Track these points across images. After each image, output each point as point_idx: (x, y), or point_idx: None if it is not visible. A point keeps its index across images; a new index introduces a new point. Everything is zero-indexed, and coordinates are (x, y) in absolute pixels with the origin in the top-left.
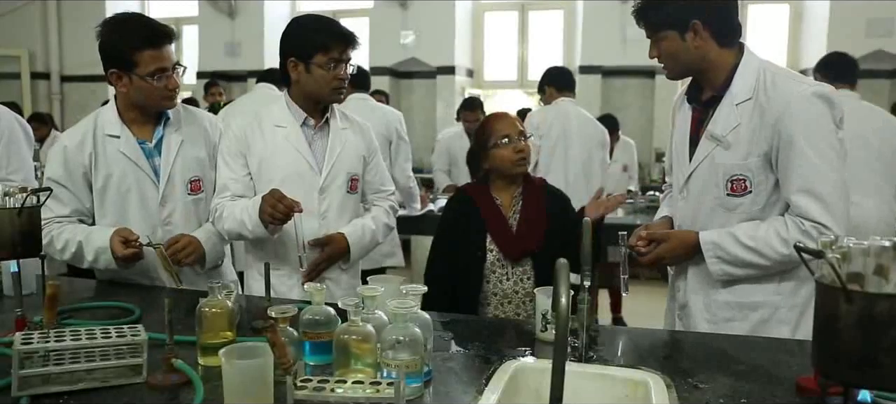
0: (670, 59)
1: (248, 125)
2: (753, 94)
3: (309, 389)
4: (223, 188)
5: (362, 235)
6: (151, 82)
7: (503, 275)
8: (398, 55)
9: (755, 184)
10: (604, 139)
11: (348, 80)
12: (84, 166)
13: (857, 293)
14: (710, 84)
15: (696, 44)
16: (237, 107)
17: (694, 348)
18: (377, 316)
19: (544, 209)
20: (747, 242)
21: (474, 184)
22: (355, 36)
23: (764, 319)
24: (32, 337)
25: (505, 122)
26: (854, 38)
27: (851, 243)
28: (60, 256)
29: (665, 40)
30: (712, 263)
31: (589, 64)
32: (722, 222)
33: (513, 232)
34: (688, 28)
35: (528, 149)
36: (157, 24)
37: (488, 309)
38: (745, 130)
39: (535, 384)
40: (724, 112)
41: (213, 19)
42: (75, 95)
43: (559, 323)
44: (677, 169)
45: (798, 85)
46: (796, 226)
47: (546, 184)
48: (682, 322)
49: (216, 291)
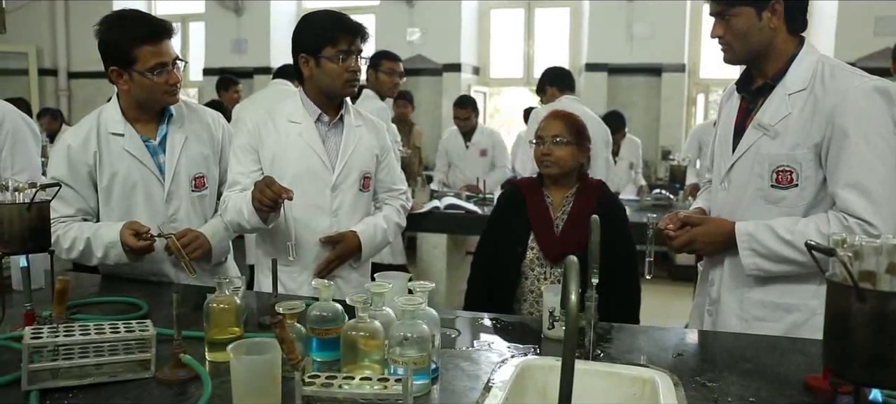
0: (739, 38)
1: (261, 120)
2: (809, 85)
3: (317, 385)
4: (233, 182)
5: (374, 234)
6: (152, 78)
7: (542, 274)
8: (404, 52)
9: (802, 178)
10: (607, 138)
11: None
12: (88, 165)
13: (869, 291)
14: (765, 72)
15: (772, 25)
16: (252, 102)
17: (702, 346)
18: (385, 312)
19: (592, 212)
20: (785, 236)
21: (528, 179)
22: (363, 27)
23: (798, 323)
24: (42, 331)
25: (545, 123)
26: (862, 37)
27: (863, 241)
28: (67, 255)
29: (738, 17)
30: (746, 255)
31: (595, 61)
32: (762, 215)
33: (557, 232)
34: (767, 6)
35: (555, 155)
36: (155, 19)
37: (524, 306)
38: (796, 120)
39: (542, 381)
40: (775, 101)
41: (220, 16)
42: (82, 92)
43: (569, 320)
44: (720, 159)
45: (859, 78)
46: (839, 222)
47: (603, 188)
48: (712, 319)
49: (224, 287)
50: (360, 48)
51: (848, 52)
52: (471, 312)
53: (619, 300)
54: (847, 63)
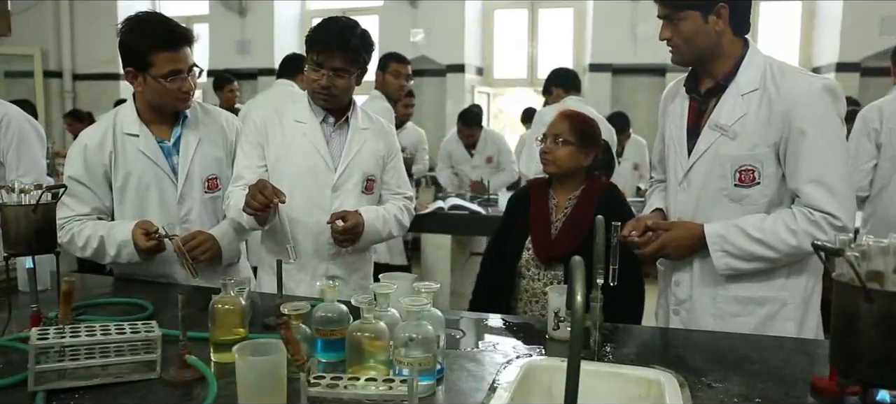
0: (686, 41)
1: (269, 118)
2: (760, 85)
3: (322, 386)
4: (238, 177)
5: (376, 217)
6: (165, 84)
7: (536, 275)
8: (408, 53)
9: (764, 176)
10: (611, 138)
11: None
12: (104, 165)
13: (876, 291)
14: (713, 73)
15: (718, 28)
16: (260, 102)
17: (705, 347)
18: (390, 313)
19: (591, 216)
20: (755, 234)
21: (540, 179)
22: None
23: (770, 315)
24: (48, 332)
25: (554, 121)
26: (867, 37)
27: (871, 241)
28: (81, 253)
29: (685, 21)
30: (718, 257)
31: (599, 62)
32: (726, 213)
33: (552, 234)
34: (712, 10)
35: (554, 154)
36: (176, 25)
37: (519, 306)
38: (753, 121)
39: (548, 382)
40: (729, 102)
41: (224, 17)
42: (87, 94)
43: (574, 320)
44: (674, 160)
45: (807, 78)
46: (805, 217)
47: (612, 190)
48: (681, 318)
49: (229, 288)
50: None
51: (853, 51)
52: (476, 313)
53: (621, 301)
54: (852, 63)
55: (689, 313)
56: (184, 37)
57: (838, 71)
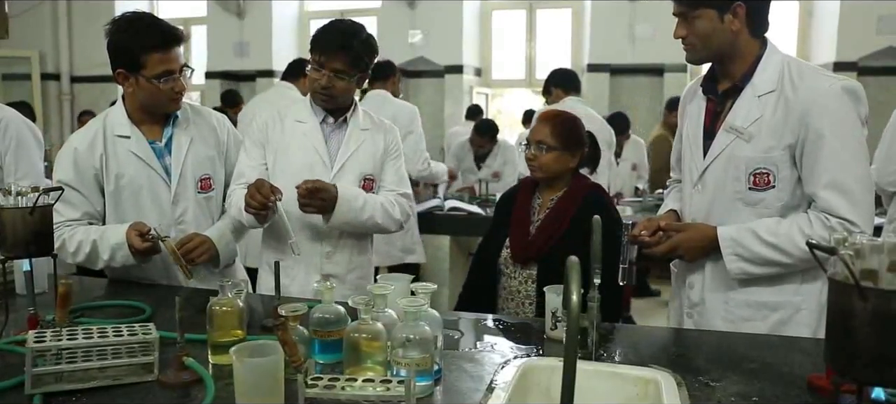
0: (701, 39)
1: (271, 118)
2: (777, 87)
3: (319, 387)
4: (239, 175)
5: (355, 196)
6: (157, 85)
7: (513, 273)
8: (406, 54)
9: (779, 179)
10: (610, 139)
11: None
12: (95, 168)
13: (870, 290)
14: (731, 74)
15: (734, 27)
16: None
17: (704, 346)
18: (387, 314)
19: (569, 217)
20: (768, 239)
21: (528, 179)
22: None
23: (783, 320)
24: (45, 335)
25: (535, 126)
26: (864, 36)
27: (865, 239)
28: (73, 259)
29: (701, 18)
30: (730, 261)
31: (597, 62)
32: (741, 217)
33: (530, 234)
34: (728, 9)
35: (539, 161)
36: (167, 25)
37: (498, 302)
38: (768, 123)
39: (545, 382)
40: (745, 103)
41: (222, 19)
42: (85, 96)
43: (570, 320)
44: (690, 162)
45: (826, 79)
46: (821, 222)
47: (596, 191)
48: (694, 320)
49: (227, 289)
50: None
51: (850, 50)
52: (474, 314)
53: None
54: (849, 62)
55: (701, 316)
56: (175, 36)
57: (835, 70)
